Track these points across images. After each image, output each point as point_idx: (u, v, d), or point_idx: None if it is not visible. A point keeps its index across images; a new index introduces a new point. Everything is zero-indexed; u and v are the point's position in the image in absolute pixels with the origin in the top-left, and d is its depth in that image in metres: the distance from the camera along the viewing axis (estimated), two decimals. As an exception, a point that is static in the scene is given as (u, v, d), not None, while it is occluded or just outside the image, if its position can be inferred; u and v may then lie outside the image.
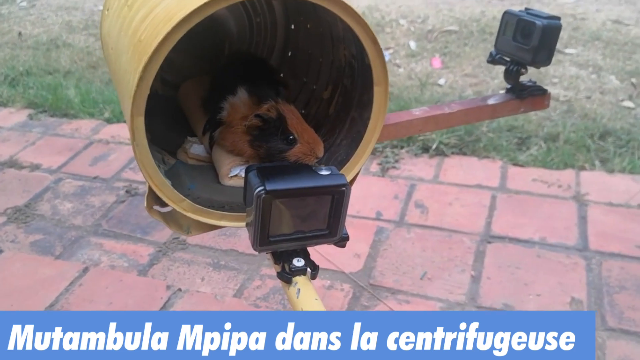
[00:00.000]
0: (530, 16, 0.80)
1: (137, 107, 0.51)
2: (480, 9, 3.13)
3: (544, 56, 0.81)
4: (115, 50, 0.60)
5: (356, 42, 0.59)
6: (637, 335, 1.19)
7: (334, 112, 0.71)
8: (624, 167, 1.78)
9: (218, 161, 0.68)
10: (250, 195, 0.52)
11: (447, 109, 0.81)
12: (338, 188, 0.53)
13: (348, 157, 0.65)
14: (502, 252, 1.44)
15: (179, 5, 0.50)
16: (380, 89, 0.59)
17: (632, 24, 2.80)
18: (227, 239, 1.57)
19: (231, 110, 0.65)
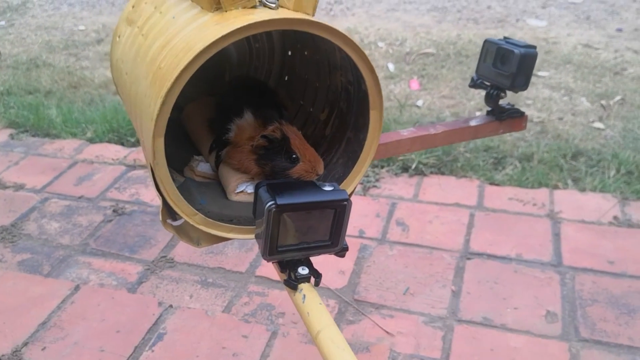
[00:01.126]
0: (509, 45, 0.87)
1: (158, 129, 0.55)
2: (456, 32, 3.24)
3: (522, 82, 0.87)
4: (131, 75, 0.64)
5: (353, 69, 0.64)
6: (608, 345, 1.25)
7: (330, 132, 0.76)
8: (595, 186, 1.86)
9: (225, 178, 0.72)
10: (260, 209, 0.57)
11: (433, 130, 0.87)
12: (340, 202, 0.58)
13: (345, 175, 0.70)
14: (481, 268, 1.50)
15: (197, 37, 0.55)
16: (376, 113, 0.65)
17: (601, 48, 2.93)
18: (214, 257, 1.60)
19: (238, 131, 0.70)
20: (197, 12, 0.60)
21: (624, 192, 1.82)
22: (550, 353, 1.23)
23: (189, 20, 0.59)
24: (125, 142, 2.31)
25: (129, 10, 0.74)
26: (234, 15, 0.56)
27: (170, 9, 0.64)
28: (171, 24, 0.61)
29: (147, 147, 0.58)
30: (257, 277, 1.51)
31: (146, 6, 0.70)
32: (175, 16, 0.62)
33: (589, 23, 3.29)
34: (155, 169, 0.57)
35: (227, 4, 0.57)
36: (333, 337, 0.55)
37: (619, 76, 2.62)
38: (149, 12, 0.68)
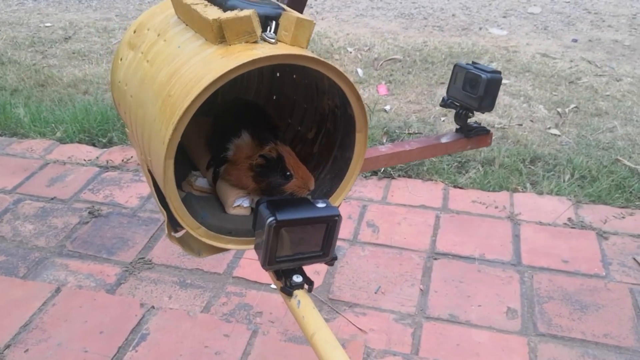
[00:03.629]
0: (477, 70, 0.95)
1: (169, 152, 0.61)
2: (422, 39, 3.35)
3: (488, 103, 0.96)
4: (137, 99, 0.69)
5: (340, 95, 0.71)
6: (563, 339, 1.36)
7: (318, 150, 0.83)
8: (551, 190, 1.98)
9: (223, 193, 0.78)
10: (261, 224, 0.63)
11: (408, 147, 0.95)
12: (332, 218, 0.65)
13: (332, 190, 0.77)
14: (446, 268, 1.59)
15: (205, 69, 0.60)
16: (361, 135, 0.72)
17: (558, 58, 3.08)
18: (192, 258, 1.65)
19: (236, 150, 0.76)
20: (202, 44, 0.66)
21: (577, 196, 1.94)
22: (510, 347, 1.33)
23: (195, 51, 0.65)
24: (97, 143, 2.32)
25: (131, 35, 0.79)
26: (238, 49, 0.62)
27: (174, 37, 0.70)
28: (177, 54, 0.66)
29: (156, 167, 0.64)
30: (235, 278, 1.57)
31: (149, 32, 0.75)
32: (180, 46, 0.67)
33: (547, 33, 3.44)
34: (166, 187, 0.63)
35: (231, 39, 0.63)
36: (327, 338, 0.62)
37: (573, 85, 2.77)
38: (152, 38, 0.73)
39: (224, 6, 0.66)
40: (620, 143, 2.26)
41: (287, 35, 0.65)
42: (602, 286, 1.52)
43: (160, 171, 0.61)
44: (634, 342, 1.35)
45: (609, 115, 2.49)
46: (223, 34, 0.63)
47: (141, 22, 0.79)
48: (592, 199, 1.92)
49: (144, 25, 0.77)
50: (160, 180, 0.63)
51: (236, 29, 0.62)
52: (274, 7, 0.67)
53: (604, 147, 2.23)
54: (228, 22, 0.62)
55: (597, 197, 1.92)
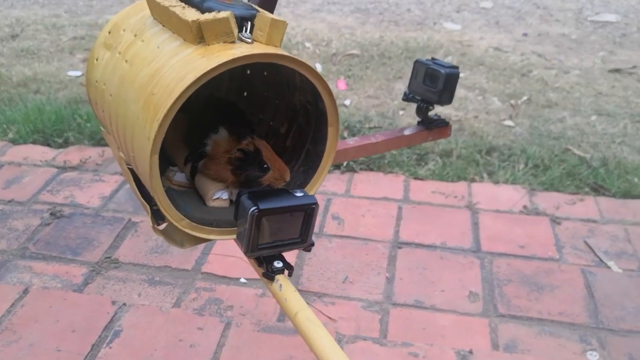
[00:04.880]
0: (436, 65, 1.01)
1: (155, 147, 0.63)
2: (379, 34, 3.41)
3: (447, 97, 1.02)
4: (117, 97, 0.71)
5: (312, 91, 0.75)
6: (522, 318, 1.44)
7: (291, 144, 0.86)
8: (507, 179, 2.07)
9: (203, 187, 0.81)
10: (243, 214, 0.67)
11: (374, 139, 1.00)
12: (310, 206, 0.69)
13: (306, 182, 0.81)
14: (410, 256, 1.65)
15: (186, 68, 0.63)
16: (333, 129, 0.76)
17: (510, 51, 3.20)
18: (159, 256, 1.66)
19: (214, 145, 0.80)
20: (180, 44, 0.68)
21: (531, 184, 2.04)
22: (473, 329, 1.40)
23: (174, 51, 0.67)
24: (52, 143, 2.29)
25: (106, 35, 0.80)
26: (217, 49, 0.65)
27: (152, 38, 0.72)
28: (157, 54, 0.69)
29: (141, 162, 0.66)
30: (204, 274, 1.59)
31: (125, 33, 0.77)
32: (159, 46, 0.70)
33: (499, 27, 3.56)
34: (152, 181, 0.65)
35: (210, 39, 0.65)
36: (308, 316, 0.66)
37: (525, 77, 2.89)
38: (128, 39, 0.75)
39: (201, 8, 0.68)
40: (569, 133, 2.37)
41: (262, 35, 0.68)
42: (556, 268, 1.61)
43: (146, 166, 0.64)
44: (586, 318, 1.44)
45: (559, 106, 2.60)
46: (202, 34, 0.65)
47: (116, 22, 0.80)
48: (545, 186, 2.02)
49: (119, 26, 0.79)
50: (146, 175, 0.66)
51: (215, 30, 0.65)
52: (247, 9, 0.70)
53: (555, 137, 2.34)
54: (207, 24, 0.65)
55: (549, 184, 2.02)
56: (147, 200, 0.73)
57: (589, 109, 2.59)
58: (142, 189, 0.74)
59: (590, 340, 1.37)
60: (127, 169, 0.77)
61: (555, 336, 1.39)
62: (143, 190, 0.74)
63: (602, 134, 2.38)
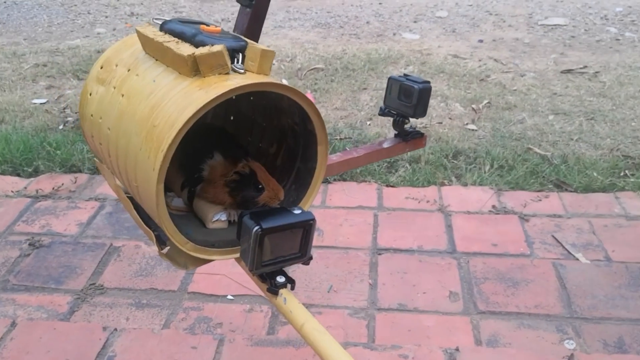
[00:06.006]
0: (409, 81, 1.07)
1: (160, 177, 0.67)
2: (341, 47, 3.49)
3: (421, 110, 1.08)
4: (117, 130, 0.75)
5: (299, 113, 0.80)
6: (501, 314, 1.51)
7: (281, 163, 0.91)
8: (474, 181, 2.15)
9: (202, 210, 0.85)
10: (246, 233, 0.71)
11: (356, 154, 1.05)
12: (308, 222, 0.74)
13: (299, 199, 0.85)
14: (391, 261, 1.71)
15: (186, 100, 0.67)
16: (323, 148, 0.81)
17: (467, 58, 3.31)
18: (144, 279, 1.68)
19: (210, 170, 0.84)
20: (176, 77, 0.72)
21: (498, 184, 2.12)
22: (456, 327, 1.46)
23: (171, 84, 0.71)
24: (22, 173, 2.27)
25: (98, 70, 0.84)
26: (213, 81, 0.69)
27: (147, 72, 0.76)
28: (154, 87, 0.72)
29: (146, 191, 0.70)
30: (190, 294, 1.61)
31: (118, 68, 0.80)
32: (155, 80, 0.73)
33: (455, 35, 3.69)
34: (158, 209, 0.69)
35: (206, 71, 0.70)
36: (315, 326, 0.70)
37: (484, 82, 3.00)
38: (122, 73, 0.79)
39: (194, 42, 0.72)
40: (530, 133, 2.48)
41: (253, 65, 0.73)
42: (528, 263, 1.69)
43: (152, 195, 0.67)
44: (561, 309, 1.52)
45: (518, 108, 2.72)
46: (197, 67, 0.70)
47: (107, 57, 0.84)
48: (511, 186, 2.11)
49: (111, 61, 0.82)
50: (152, 203, 0.69)
51: (210, 63, 0.69)
52: (237, 40, 0.75)
53: (517, 138, 2.44)
54: (202, 57, 0.69)
55: (515, 183, 2.12)
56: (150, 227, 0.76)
57: (546, 109, 2.71)
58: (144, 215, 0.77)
59: (566, 330, 1.45)
60: (125, 197, 0.80)
61: (533, 328, 1.46)
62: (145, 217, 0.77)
63: (560, 132, 2.49)
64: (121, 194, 0.80)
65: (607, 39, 3.58)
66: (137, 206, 0.78)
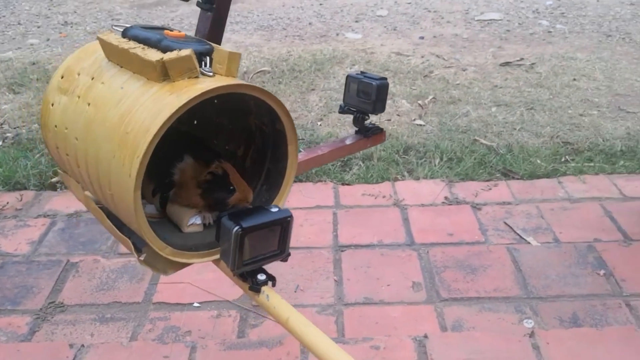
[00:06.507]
0: (367, 79, 1.10)
1: (137, 183, 0.66)
2: (286, 49, 3.50)
3: (380, 106, 1.11)
4: (85, 140, 0.73)
5: (267, 113, 0.81)
6: (463, 299, 1.56)
7: (250, 164, 0.92)
8: (426, 174, 2.21)
9: (176, 215, 0.84)
10: (226, 234, 0.71)
11: (320, 152, 1.07)
12: (286, 219, 0.75)
13: (271, 199, 0.86)
14: (353, 257, 1.74)
15: (158, 105, 0.67)
16: (293, 147, 0.82)
17: (410, 55, 3.39)
18: (106, 292, 1.64)
19: (181, 173, 0.83)
20: (144, 83, 0.72)
21: (449, 176, 2.19)
22: (421, 316, 1.51)
23: (140, 90, 0.71)
24: (-36, 194, 2.18)
25: (59, 80, 0.82)
26: (184, 85, 0.69)
27: (113, 79, 0.75)
28: (122, 94, 0.72)
29: (122, 199, 0.69)
30: (156, 304, 1.59)
31: (80, 77, 0.79)
32: (123, 87, 0.73)
33: (397, 33, 3.77)
34: (137, 215, 0.68)
35: (175, 76, 0.70)
36: (299, 319, 0.71)
37: (428, 78, 3.08)
38: (86, 82, 0.78)
39: (160, 47, 0.72)
40: (475, 125, 2.57)
41: (221, 67, 0.74)
42: (484, 250, 1.76)
43: (129, 202, 0.67)
44: (518, 291, 1.59)
45: (462, 101, 2.81)
46: (167, 72, 0.70)
47: (68, 67, 0.82)
48: (461, 177, 2.18)
49: (73, 70, 0.81)
50: (128, 211, 0.69)
51: (179, 67, 0.70)
52: (202, 44, 0.75)
53: (463, 130, 2.52)
54: (171, 62, 0.69)
55: (465, 175, 2.19)
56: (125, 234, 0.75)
57: (489, 101, 2.81)
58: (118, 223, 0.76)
59: (524, 310, 1.52)
60: (96, 207, 0.79)
61: (494, 311, 1.52)
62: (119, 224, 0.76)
63: (504, 123, 2.60)
64: (91, 204, 0.79)
65: (540, 31, 3.74)
66: (109, 215, 0.78)
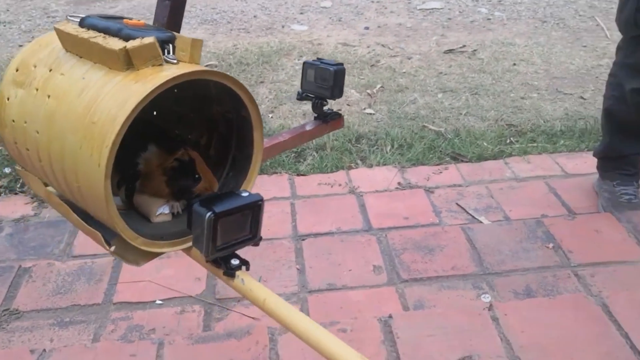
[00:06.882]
0: (324, 64, 1.12)
1: (107, 172, 0.65)
2: (232, 42, 3.48)
3: (338, 91, 1.13)
4: (48, 133, 0.71)
5: (232, 100, 0.81)
6: (422, 279, 1.61)
7: (214, 153, 0.91)
8: (379, 161, 2.25)
9: (144, 206, 0.83)
10: (198, 220, 0.71)
11: (282, 138, 1.08)
12: (257, 203, 0.76)
13: (238, 186, 0.87)
14: (314, 245, 1.76)
15: (124, 94, 0.66)
16: (258, 133, 0.83)
17: (357, 45, 3.43)
18: (64, 296, 1.60)
19: (146, 163, 0.82)
20: (107, 72, 0.71)
21: (400, 162, 2.24)
22: (384, 297, 1.54)
23: (103, 79, 0.70)
24: None
25: (13, 73, 0.79)
26: (149, 72, 0.69)
27: (73, 70, 0.73)
28: (84, 84, 0.70)
29: (91, 189, 0.68)
30: (117, 304, 1.56)
31: (37, 69, 0.77)
32: (85, 77, 0.71)
33: (342, 24, 3.80)
34: (108, 205, 0.67)
35: (139, 64, 0.69)
36: (277, 300, 0.72)
37: (375, 67, 3.13)
38: (43, 74, 0.75)
39: (121, 36, 0.71)
40: (423, 112, 2.63)
41: (185, 55, 0.73)
42: (440, 231, 1.81)
43: (99, 193, 0.66)
44: (474, 268, 1.65)
45: (409, 89, 2.87)
46: (130, 61, 0.69)
47: (23, 59, 0.80)
48: (412, 162, 2.23)
49: (28, 63, 0.78)
50: (98, 201, 0.68)
51: (143, 55, 0.69)
52: (163, 32, 0.75)
53: (412, 117, 2.58)
54: (135, 50, 0.68)
55: (416, 160, 2.24)
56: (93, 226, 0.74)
57: (435, 88, 2.88)
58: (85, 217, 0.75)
59: (481, 286, 1.58)
60: (60, 202, 0.77)
61: (452, 289, 1.58)
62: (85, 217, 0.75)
63: (450, 108, 2.67)
64: (54, 199, 0.78)
65: (480, 19, 3.86)
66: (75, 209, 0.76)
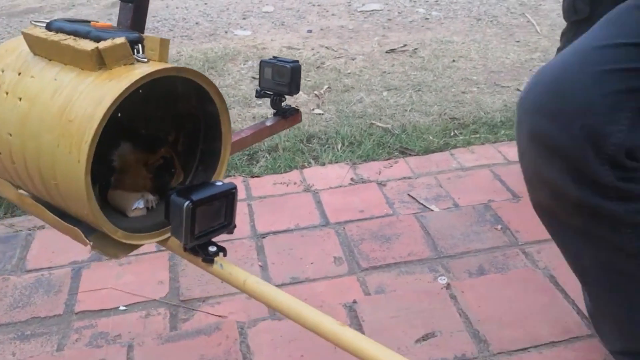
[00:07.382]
0: (281, 62, 1.16)
1: (87, 168, 0.67)
2: (175, 49, 3.47)
3: (295, 87, 1.18)
4: (22, 135, 0.72)
5: (198, 96, 0.84)
6: (382, 267, 1.67)
7: (182, 149, 0.94)
8: (330, 160, 2.31)
9: (120, 200, 0.85)
10: (176, 210, 0.74)
11: (244, 134, 1.11)
12: (231, 191, 0.79)
13: (208, 179, 0.90)
14: (275, 242, 1.80)
15: (100, 92, 0.68)
16: (226, 127, 0.86)
17: (301, 48, 3.49)
18: (22, 310, 1.58)
19: (120, 159, 0.85)
20: (78, 73, 0.73)
21: (352, 159, 2.31)
22: (346, 286, 1.60)
23: (76, 80, 0.72)
24: None
25: (-20, 79, 0.80)
26: (122, 71, 0.71)
27: (44, 72, 0.74)
28: (57, 85, 0.72)
29: (70, 187, 0.70)
30: (79, 313, 1.55)
31: (5, 73, 0.77)
32: (57, 78, 0.73)
33: (285, 28, 3.85)
34: (89, 201, 0.70)
35: (111, 63, 0.71)
36: (256, 280, 0.76)
37: (320, 69, 3.20)
38: (12, 78, 0.76)
39: (90, 37, 0.74)
40: (370, 110, 2.72)
41: (154, 54, 0.76)
42: (395, 220, 1.88)
43: (80, 188, 0.68)
44: (429, 252, 1.73)
45: (355, 89, 2.95)
46: (102, 61, 0.71)
47: (-12, 64, 0.80)
48: (363, 158, 2.31)
49: (-6, 68, 0.79)
50: (79, 197, 0.70)
51: (115, 55, 0.72)
52: (130, 33, 0.78)
53: (359, 116, 2.66)
54: (107, 50, 0.71)
55: (366, 156, 2.32)
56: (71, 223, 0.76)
57: (379, 86, 2.98)
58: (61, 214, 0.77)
59: (437, 269, 1.66)
60: (33, 203, 0.78)
61: (410, 273, 1.65)
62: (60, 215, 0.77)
63: (395, 105, 2.76)
64: (27, 200, 0.79)
65: (418, 19, 3.99)
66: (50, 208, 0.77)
